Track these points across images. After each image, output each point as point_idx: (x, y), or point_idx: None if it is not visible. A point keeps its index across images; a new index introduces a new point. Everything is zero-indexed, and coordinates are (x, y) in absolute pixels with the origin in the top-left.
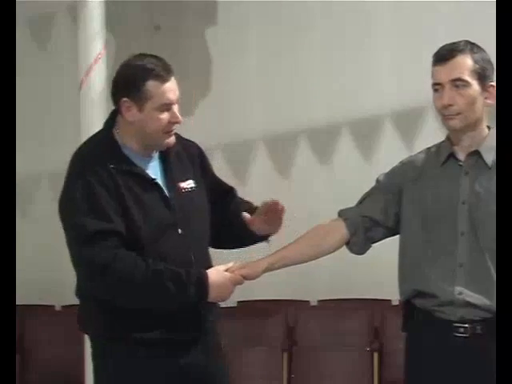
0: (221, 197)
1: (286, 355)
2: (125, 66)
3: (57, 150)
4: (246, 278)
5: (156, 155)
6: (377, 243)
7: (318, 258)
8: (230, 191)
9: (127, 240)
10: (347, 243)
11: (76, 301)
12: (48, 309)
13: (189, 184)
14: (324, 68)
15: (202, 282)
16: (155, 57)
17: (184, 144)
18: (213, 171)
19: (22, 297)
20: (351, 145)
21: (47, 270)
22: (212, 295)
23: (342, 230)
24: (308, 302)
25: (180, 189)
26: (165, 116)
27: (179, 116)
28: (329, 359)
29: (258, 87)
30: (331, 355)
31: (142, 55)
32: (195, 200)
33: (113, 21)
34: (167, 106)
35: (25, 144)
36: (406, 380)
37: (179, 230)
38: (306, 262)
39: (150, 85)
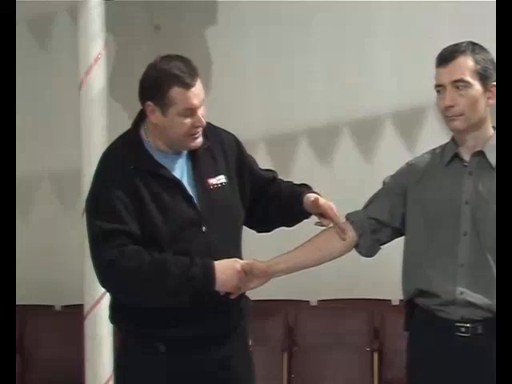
0: (264, 186)
1: (286, 355)
2: (151, 69)
3: (57, 150)
4: (252, 266)
5: (185, 151)
6: None
7: (325, 261)
8: (272, 178)
9: (144, 239)
10: (356, 246)
11: (75, 301)
12: (48, 309)
13: (219, 180)
14: (324, 68)
15: (208, 264)
16: (182, 59)
17: (219, 137)
18: (251, 163)
19: (22, 297)
20: (351, 145)
21: (47, 270)
22: (220, 279)
23: (349, 233)
24: (308, 301)
25: (208, 185)
26: (188, 121)
27: (203, 120)
28: (329, 359)
29: (258, 87)
30: (331, 355)
31: (169, 58)
32: (225, 195)
33: (113, 21)
34: (191, 111)
35: (25, 144)
36: (407, 379)
37: (203, 228)
38: (314, 265)
39: (175, 91)
